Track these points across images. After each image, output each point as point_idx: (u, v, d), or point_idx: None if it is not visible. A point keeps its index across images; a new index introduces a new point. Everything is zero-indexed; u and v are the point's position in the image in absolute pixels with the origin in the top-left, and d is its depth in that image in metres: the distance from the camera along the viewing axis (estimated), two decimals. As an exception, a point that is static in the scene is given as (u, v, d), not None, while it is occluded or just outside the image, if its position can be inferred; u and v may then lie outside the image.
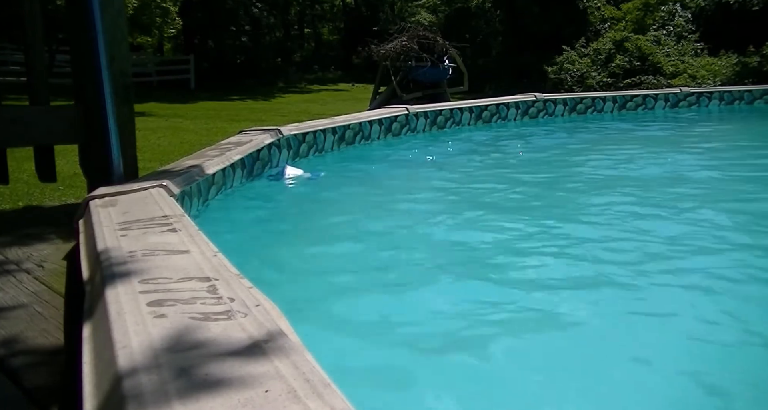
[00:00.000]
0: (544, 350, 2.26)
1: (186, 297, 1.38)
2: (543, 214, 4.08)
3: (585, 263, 3.10)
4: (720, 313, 2.50)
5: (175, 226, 2.03)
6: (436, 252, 3.37)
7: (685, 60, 16.04)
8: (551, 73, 16.32)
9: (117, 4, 3.24)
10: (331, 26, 34.62)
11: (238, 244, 3.31)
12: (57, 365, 1.75)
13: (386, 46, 11.26)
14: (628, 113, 9.59)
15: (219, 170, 3.96)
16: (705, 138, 7.43)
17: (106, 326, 1.28)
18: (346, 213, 4.19)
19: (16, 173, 4.69)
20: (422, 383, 2.03)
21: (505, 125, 8.40)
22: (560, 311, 2.57)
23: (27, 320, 2.06)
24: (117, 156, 3.09)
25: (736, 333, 2.35)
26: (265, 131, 5.29)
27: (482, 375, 2.10)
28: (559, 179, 5.32)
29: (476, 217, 4.03)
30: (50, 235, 3.17)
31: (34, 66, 3.45)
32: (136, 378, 1.02)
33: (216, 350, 1.11)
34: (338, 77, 26.27)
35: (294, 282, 2.90)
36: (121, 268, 1.62)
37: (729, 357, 2.20)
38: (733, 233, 3.51)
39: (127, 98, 3.30)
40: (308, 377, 0.99)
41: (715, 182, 4.83)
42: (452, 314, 2.55)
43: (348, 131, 6.42)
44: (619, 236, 3.52)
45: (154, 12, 16.22)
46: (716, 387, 1.99)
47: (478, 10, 21.72)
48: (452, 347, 2.25)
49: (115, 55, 3.17)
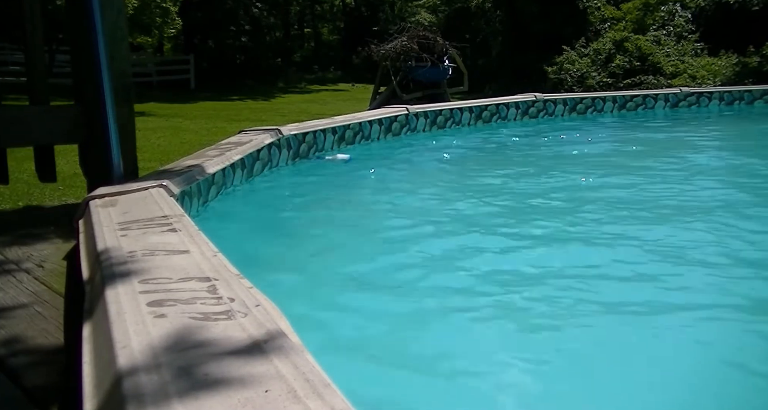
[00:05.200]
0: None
1: (186, 297, 1.38)
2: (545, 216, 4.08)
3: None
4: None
5: (175, 226, 2.04)
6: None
7: (685, 60, 16.03)
8: (551, 73, 16.31)
9: (117, 4, 3.24)
10: (331, 26, 34.62)
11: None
12: (57, 365, 1.75)
13: (386, 46, 11.25)
14: (628, 113, 9.59)
15: (219, 170, 3.96)
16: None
17: (106, 326, 1.28)
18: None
19: (16, 173, 4.69)
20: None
21: (506, 125, 8.40)
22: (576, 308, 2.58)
23: (27, 320, 2.06)
24: (117, 156, 3.09)
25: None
26: (265, 131, 5.29)
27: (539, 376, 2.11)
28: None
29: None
30: (50, 235, 3.17)
31: (34, 66, 3.44)
32: (136, 378, 1.02)
33: (216, 350, 1.11)
34: (338, 77, 26.27)
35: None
36: (121, 268, 1.62)
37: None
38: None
39: (127, 98, 3.30)
40: (308, 377, 0.99)
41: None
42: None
43: (348, 131, 6.41)
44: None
45: (154, 12, 16.22)
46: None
47: (478, 10, 21.69)
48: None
49: (115, 55, 3.16)
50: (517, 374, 2.12)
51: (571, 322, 2.46)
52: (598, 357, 2.21)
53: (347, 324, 2.46)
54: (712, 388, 2.03)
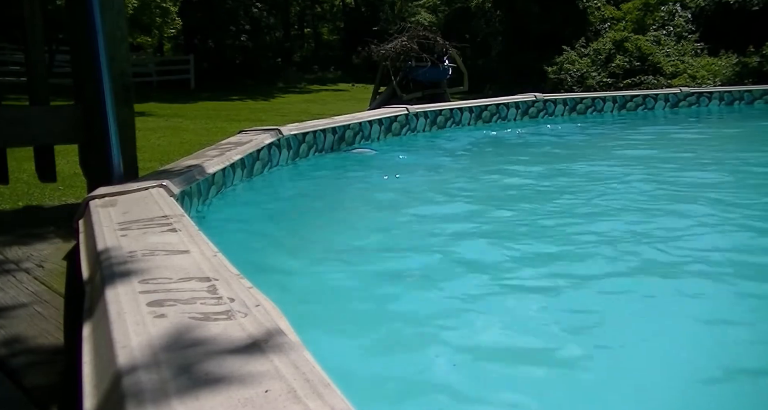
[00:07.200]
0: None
1: (186, 297, 1.38)
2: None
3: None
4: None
5: (175, 226, 2.04)
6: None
7: (685, 60, 16.03)
8: (551, 73, 16.31)
9: (117, 4, 3.24)
10: (331, 26, 34.62)
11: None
12: (57, 365, 1.75)
13: (386, 46, 11.25)
14: (628, 113, 9.59)
15: (219, 170, 3.96)
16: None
17: (106, 326, 1.28)
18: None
19: (16, 173, 4.69)
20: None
21: (505, 125, 8.40)
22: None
23: (27, 320, 2.06)
24: (117, 156, 3.09)
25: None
26: (265, 131, 5.29)
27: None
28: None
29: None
30: (50, 235, 3.17)
31: (34, 66, 3.44)
32: (136, 378, 1.02)
33: (216, 350, 1.11)
34: (338, 77, 26.28)
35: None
36: (121, 268, 1.62)
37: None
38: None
39: (127, 98, 3.30)
40: (308, 377, 0.99)
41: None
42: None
43: (348, 131, 6.41)
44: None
45: (154, 12, 16.21)
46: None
47: (478, 10, 21.68)
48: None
49: (115, 55, 3.16)
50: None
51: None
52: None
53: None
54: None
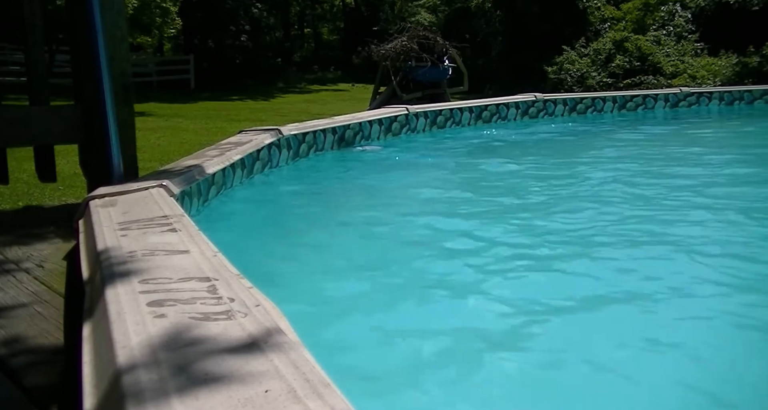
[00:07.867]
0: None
1: (186, 297, 1.38)
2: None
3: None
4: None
5: (175, 226, 2.04)
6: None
7: (685, 60, 16.02)
8: (551, 73, 16.30)
9: (117, 4, 3.24)
10: (331, 26, 34.61)
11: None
12: (57, 365, 1.75)
13: (386, 46, 11.25)
14: (628, 113, 9.59)
15: (219, 170, 3.96)
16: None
17: (106, 326, 1.28)
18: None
19: (16, 173, 4.69)
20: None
21: (506, 125, 8.39)
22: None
23: (27, 320, 2.06)
24: (117, 156, 3.09)
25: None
26: (265, 131, 5.29)
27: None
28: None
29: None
30: (50, 235, 3.17)
31: (34, 66, 3.44)
32: (136, 378, 1.03)
33: (216, 350, 1.11)
34: (338, 77, 26.26)
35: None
36: (121, 268, 1.62)
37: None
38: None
39: (127, 98, 3.30)
40: (308, 377, 0.99)
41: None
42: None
43: (348, 131, 6.41)
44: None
45: (154, 12, 16.20)
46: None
47: (478, 10, 21.67)
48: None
49: (115, 55, 3.16)
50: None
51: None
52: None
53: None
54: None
